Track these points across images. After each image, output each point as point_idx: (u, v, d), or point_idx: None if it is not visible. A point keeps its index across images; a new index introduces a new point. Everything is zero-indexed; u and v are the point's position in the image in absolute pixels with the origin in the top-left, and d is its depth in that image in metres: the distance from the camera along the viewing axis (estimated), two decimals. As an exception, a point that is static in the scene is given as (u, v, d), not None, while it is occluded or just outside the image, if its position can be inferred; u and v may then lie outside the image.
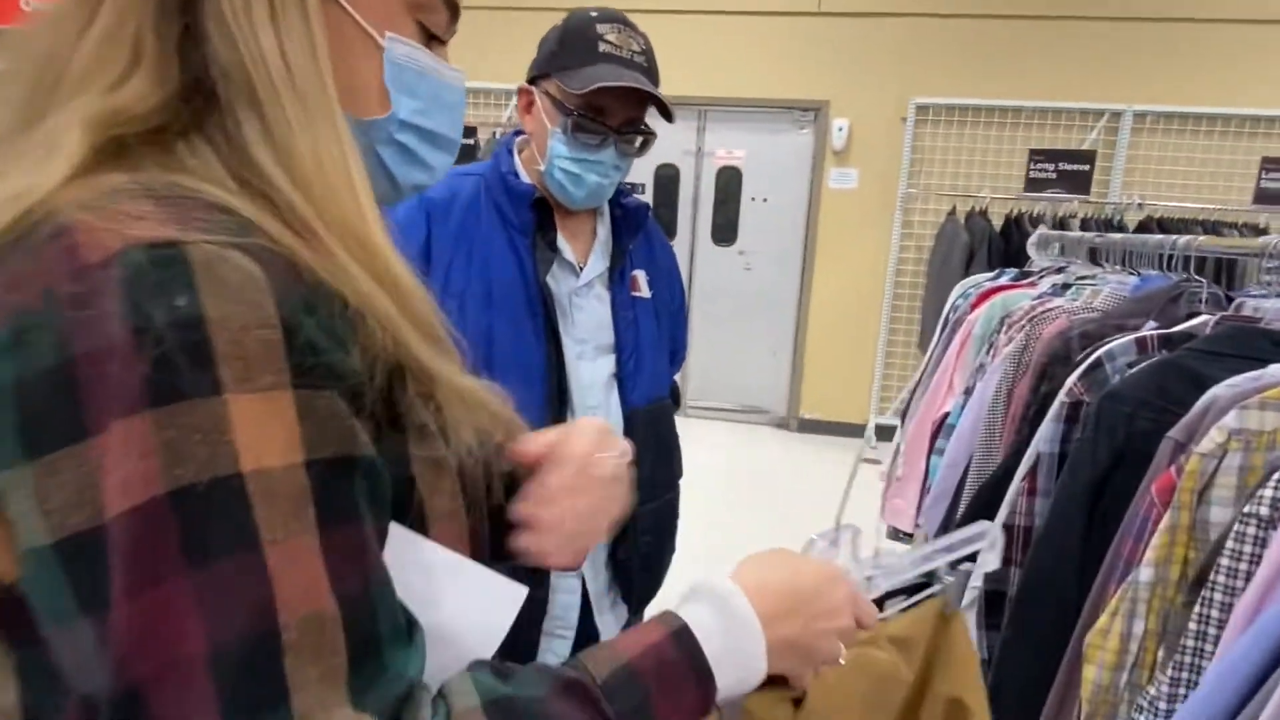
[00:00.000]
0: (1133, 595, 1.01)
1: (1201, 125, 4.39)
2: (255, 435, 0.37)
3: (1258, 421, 0.94)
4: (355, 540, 0.40)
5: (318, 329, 0.40)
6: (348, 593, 0.38)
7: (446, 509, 0.49)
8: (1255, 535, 0.84)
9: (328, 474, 0.39)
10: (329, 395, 0.40)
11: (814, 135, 4.88)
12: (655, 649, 0.49)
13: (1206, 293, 1.39)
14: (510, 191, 1.12)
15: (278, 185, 0.43)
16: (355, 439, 0.41)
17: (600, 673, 0.46)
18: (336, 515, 0.39)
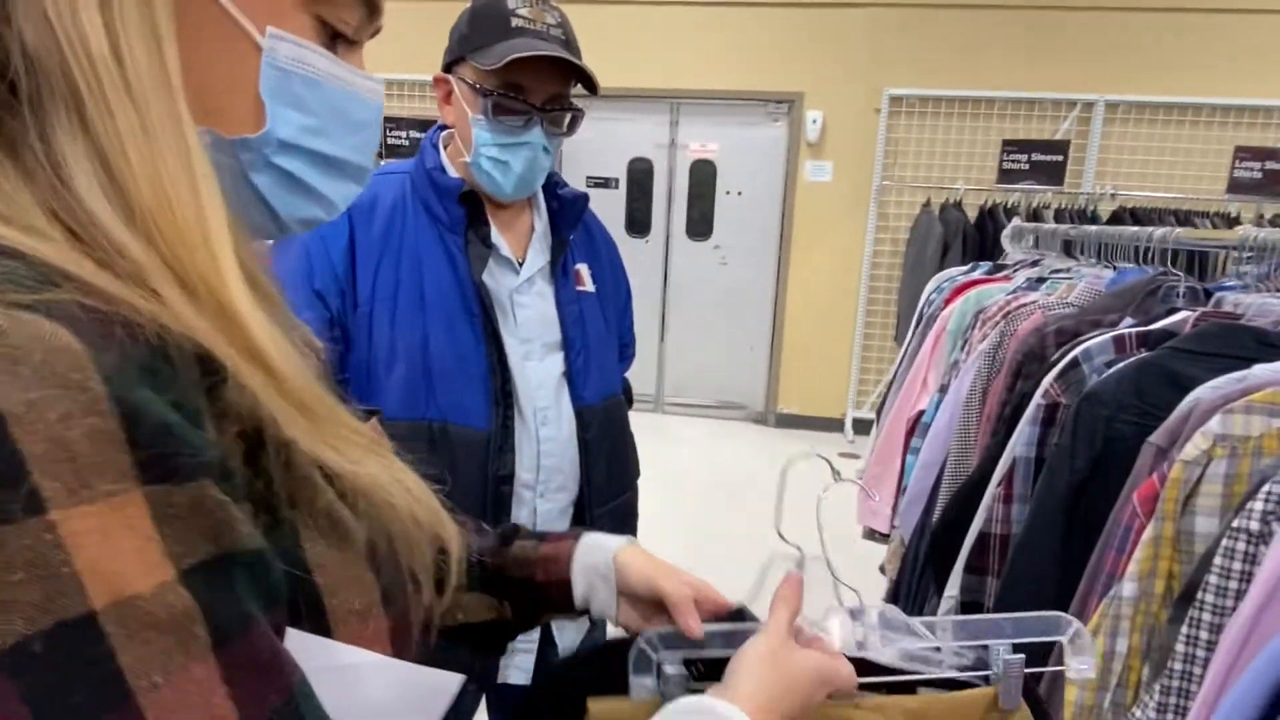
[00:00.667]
0: (1115, 611, 0.96)
1: (1174, 115, 4.38)
2: (103, 560, 0.29)
3: (1243, 426, 0.89)
4: (259, 650, 0.33)
5: (163, 405, 0.31)
6: (262, 713, 0.32)
7: (356, 606, 0.41)
8: (1245, 551, 0.79)
9: (209, 580, 0.31)
10: (192, 486, 0.31)
11: (788, 128, 4.82)
12: None
13: (1184, 286, 1.34)
14: (437, 187, 1.05)
15: (102, 222, 0.34)
16: (234, 531, 0.33)
17: None
18: (230, 627, 0.32)
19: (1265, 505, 0.78)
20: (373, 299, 1.02)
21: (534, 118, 1.02)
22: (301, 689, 0.35)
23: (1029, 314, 1.59)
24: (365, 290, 1.02)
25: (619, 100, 4.90)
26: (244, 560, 0.33)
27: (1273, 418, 0.88)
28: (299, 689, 0.34)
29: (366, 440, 0.42)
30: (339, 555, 0.40)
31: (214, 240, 0.36)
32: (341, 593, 0.40)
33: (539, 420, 1.10)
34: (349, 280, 1.02)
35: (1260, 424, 0.88)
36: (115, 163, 0.34)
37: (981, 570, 1.24)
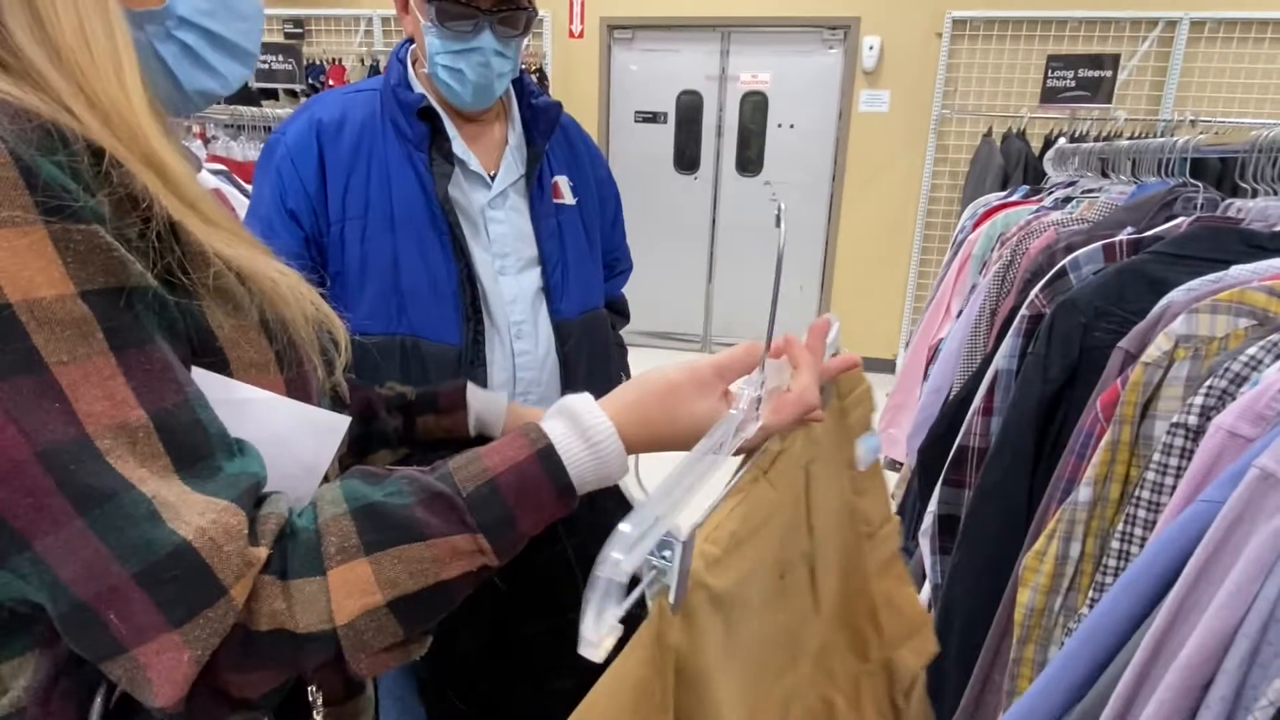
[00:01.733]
0: (1070, 516, 0.94)
1: (1267, 32, 4.02)
2: (15, 267, 0.38)
3: (1209, 326, 0.85)
4: (155, 360, 0.43)
5: (56, 169, 0.41)
6: (160, 404, 0.42)
7: (253, 359, 0.50)
8: (1183, 447, 0.77)
9: (106, 303, 0.41)
10: (87, 229, 0.41)
11: (843, 55, 4.63)
12: (519, 467, 0.51)
13: (1202, 198, 1.26)
14: (401, 104, 1.05)
15: (30, 58, 0.44)
16: (126, 269, 0.42)
17: (466, 486, 0.49)
18: (128, 339, 0.42)
19: (1205, 400, 0.76)
20: (343, 217, 1.04)
21: (481, 20, 1.01)
22: (198, 399, 0.44)
23: (1043, 232, 1.53)
24: (336, 208, 1.04)
25: (667, 30, 4.79)
26: (141, 294, 0.43)
27: (1238, 317, 0.84)
28: (195, 397, 0.44)
29: (251, 241, 0.52)
30: (233, 320, 0.49)
31: (125, 73, 0.47)
32: (239, 349, 0.49)
33: (514, 334, 1.12)
34: (320, 199, 1.04)
35: (1226, 324, 0.85)
36: (46, 15, 0.44)
37: (959, 483, 1.23)
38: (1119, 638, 0.67)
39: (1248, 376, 0.73)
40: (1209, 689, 0.58)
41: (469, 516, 0.48)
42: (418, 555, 0.46)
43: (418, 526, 0.47)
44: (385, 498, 0.47)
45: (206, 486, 0.42)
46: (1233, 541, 0.58)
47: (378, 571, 0.45)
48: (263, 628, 0.43)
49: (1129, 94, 4.20)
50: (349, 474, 0.51)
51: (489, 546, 0.48)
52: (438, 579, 0.47)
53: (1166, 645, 0.61)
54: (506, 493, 0.50)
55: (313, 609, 0.44)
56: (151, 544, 0.39)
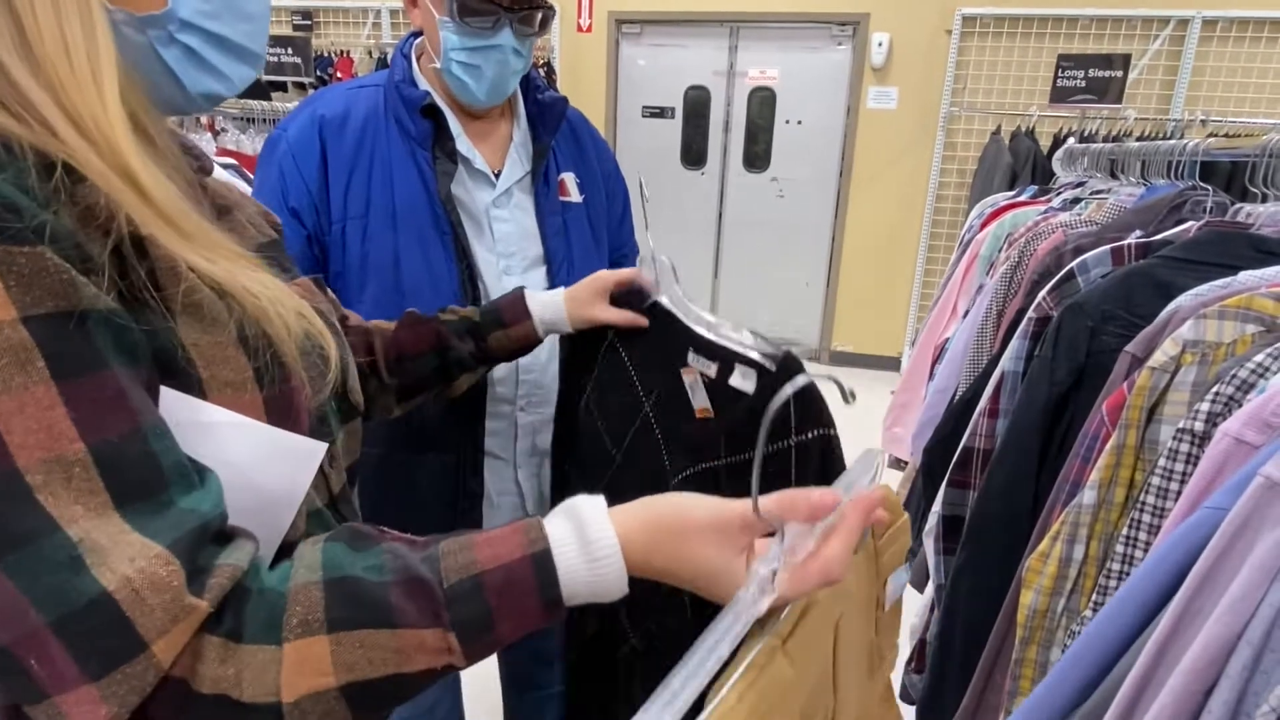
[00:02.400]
0: (1075, 519, 0.95)
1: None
2: None
3: (1216, 332, 0.85)
4: (105, 387, 0.41)
5: (3, 185, 0.39)
6: (104, 435, 0.40)
7: (229, 378, 0.48)
8: (1188, 453, 0.77)
9: (52, 327, 0.39)
10: (32, 251, 0.39)
11: (852, 52, 4.62)
12: (509, 568, 0.47)
13: (1211, 201, 1.26)
14: (405, 100, 1.04)
15: (9, 70, 0.43)
16: (76, 292, 0.40)
17: (449, 577, 0.46)
18: (74, 366, 0.40)
19: (1211, 407, 0.76)
20: (345, 215, 1.03)
21: (502, 18, 1.00)
22: (154, 428, 0.42)
23: (1051, 233, 1.53)
24: (337, 206, 1.03)
25: (675, 25, 4.78)
26: (95, 316, 0.41)
27: (1246, 323, 0.84)
28: (150, 427, 0.42)
29: (235, 253, 0.51)
30: (209, 336, 0.47)
31: (104, 86, 0.45)
32: (213, 367, 0.47)
33: None
34: (322, 197, 1.03)
35: (1233, 330, 0.85)
36: (26, 24, 0.43)
37: (964, 484, 1.24)
38: (1123, 641, 0.68)
39: (1254, 383, 0.73)
40: (1211, 694, 0.58)
41: (445, 611, 0.45)
42: (382, 643, 0.44)
43: (388, 612, 0.44)
44: (363, 572, 0.45)
45: (150, 525, 0.41)
46: (1237, 548, 0.58)
47: (336, 653, 0.43)
48: (204, 690, 0.41)
49: (1139, 92, 4.18)
50: (338, 533, 0.49)
51: (459, 647, 0.46)
52: (398, 670, 0.44)
53: (1170, 650, 0.61)
54: (489, 593, 0.46)
55: (260, 680, 0.42)
56: (67, 593, 0.38)
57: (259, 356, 0.50)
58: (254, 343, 0.49)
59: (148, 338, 0.44)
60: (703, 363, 0.85)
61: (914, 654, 1.43)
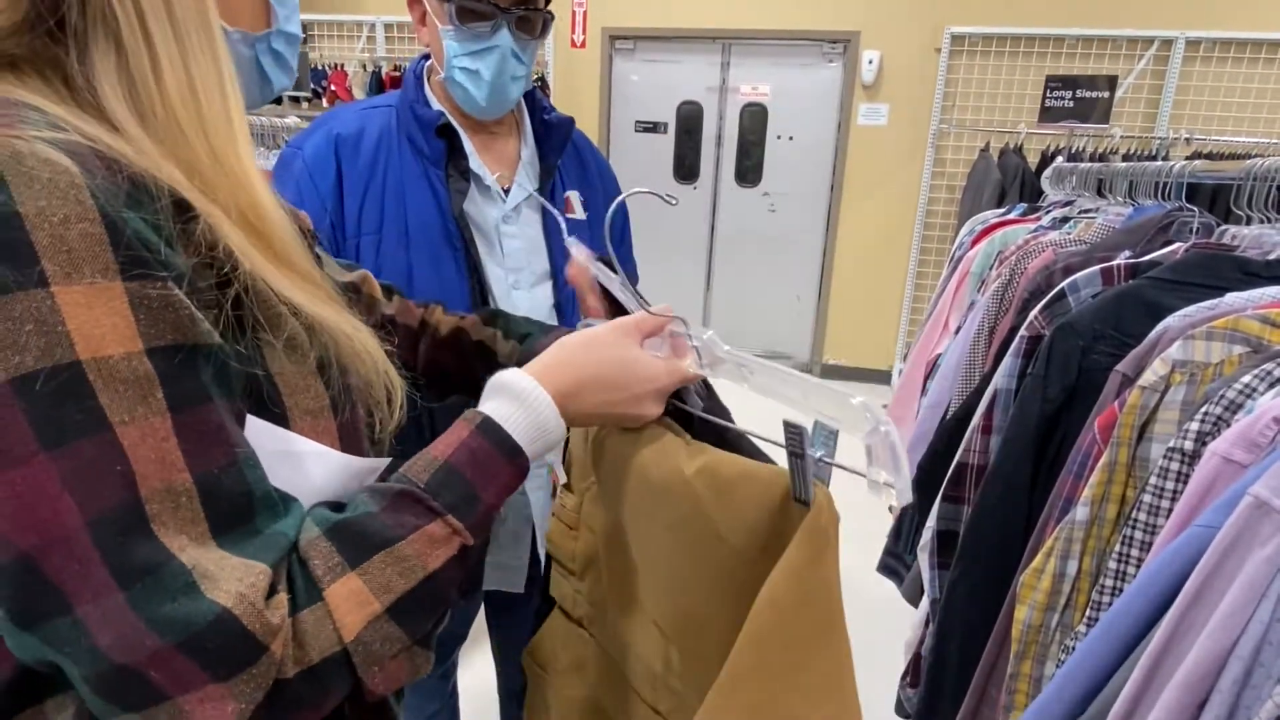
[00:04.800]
0: (1068, 535, 0.96)
1: (1261, 53, 4.07)
2: (88, 325, 0.39)
3: (1204, 353, 0.88)
4: (209, 421, 0.43)
5: (142, 224, 0.42)
6: (208, 468, 0.43)
7: (309, 406, 0.51)
8: (1179, 471, 0.79)
9: (170, 361, 0.42)
10: (161, 286, 0.42)
11: (843, 69, 4.68)
12: (465, 444, 0.53)
13: (1197, 222, 1.29)
14: (419, 120, 1.07)
15: (119, 119, 0.45)
16: (195, 327, 0.43)
17: (422, 478, 0.51)
18: (186, 398, 0.42)
19: (1201, 426, 0.78)
20: (359, 232, 1.05)
21: (500, 19, 1.02)
22: (247, 460, 0.45)
23: (1041, 252, 1.56)
24: (352, 223, 1.05)
25: (668, 41, 4.83)
26: (205, 352, 0.44)
27: (1233, 344, 0.86)
28: (244, 459, 0.45)
29: (328, 295, 0.54)
30: (295, 368, 0.50)
31: (235, 122, 0.49)
32: (297, 395, 0.50)
33: None
34: (337, 213, 1.05)
35: (1221, 350, 0.87)
36: (139, 72, 0.45)
37: (958, 500, 1.25)
38: (1117, 657, 0.69)
39: (1242, 404, 0.75)
40: (1204, 708, 0.60)
41: (433, 502, 0.50)
42: (400, 554, 0.48)
43: (391, 528, 0.48)
44: (351, 514, 0.49)
45: (244, 549, 0.43)
46: (1227, 566, 0.60)
47: (369, 580, 0.47)
48: (290, 674, 0.44)
49: (1125, 110, 4.25)
50: (311, 508, 0.52)
51: (461, 525, 0.50)
52: (425, 571, 0.48)
53: (1163, 665, 0.63)
54: (462, 469, 0.51)
55: (321, 635, 0.45)
56: (190, 617, 0.40)
57: (333, 385, 0.53)
58: (330, 371, 0.52)
59: (246, 373, 0.47)
60: None
61: (909, 668, 1.44)
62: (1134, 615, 0.69)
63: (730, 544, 0.56)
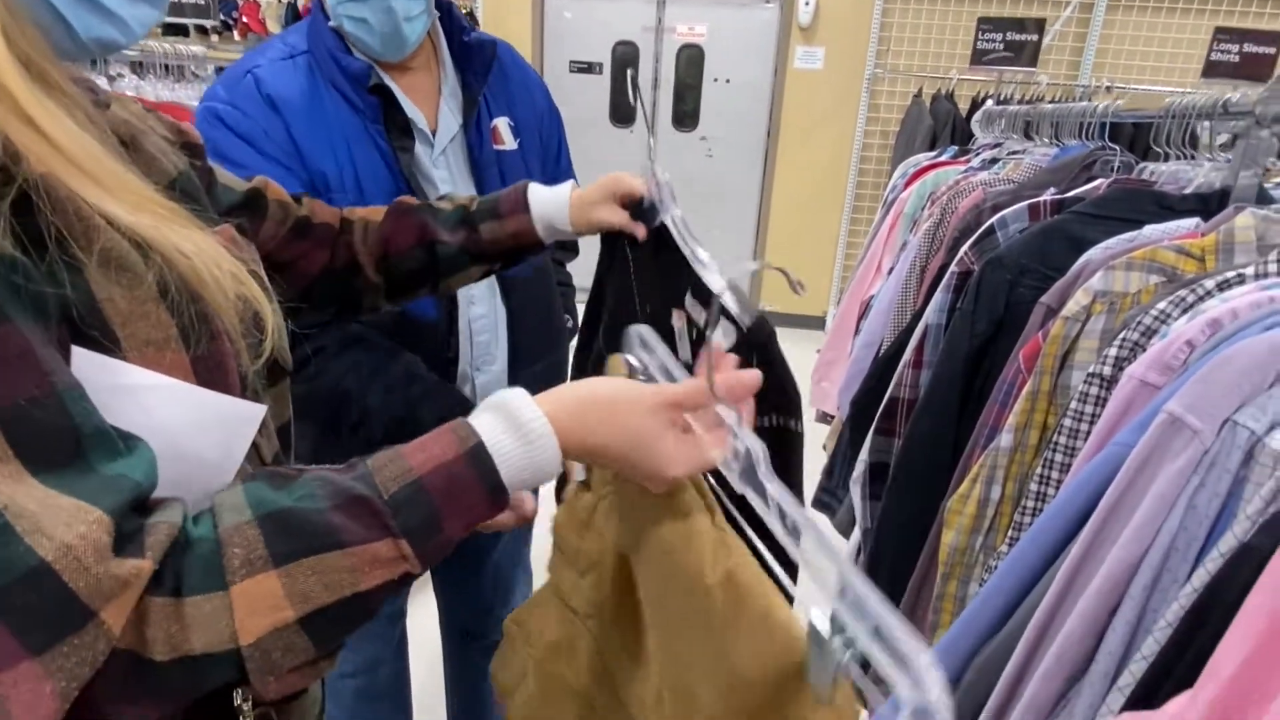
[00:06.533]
0: (993, 461, 1.00)
1: (1179, 3, 4.19)
2: None
3: (1123, 283, 0.91)
4: (12, 343, 0.37)
5: None
6: (12, 397, 0.36)
7: (150, 336, 0.44)
8: (1097, 395, 0.82)
9: None
10: None
11: (780, 10, 4.62)
12: (447, 467, 0.47)
13: (1119, 160, 1.33)
14: (345, 74, 0.98)
15: None
16: None
17: (388, 488, 0.45)
18: None
19: (1119, 351, 0.81)
20: (313, 192, 0.97)
21: None
22: (70, 392, 0.39)
23: (971, 192, 1.59)
24: (303, 181, 0.98)
25: (603, -22, 4.68)
26: None
27: (1150, 274, 0.90)
28: (66, 391, 0.39)
29: (162, 206, 0.47)
30: (126, 292, 0.43)
31: None
32: (132, 324, 0.43)
33: (468, 300, 1.10)
34: (303, 172, 0.98)
35: (1139, 280, 0.90)
36: None
37: (889, 432, 1.29)
38: (1035, 573, 0.73)
39: (1157, 329, 0.78)
40: (1115, 614, 0.63)
41: (391, 520, 0.44)
42: (334, 565, 0.42)
43: (334, 533, 0.42)
44: (296, 502, 0.43)
45: (77, 488, 0.37)
46: (1139, 481, 0.63)
47: (288, 585, 0.41)
48: (158, 655, 0.39)
49: (1051, 59, 4.33)
50: (254, 476, 0.47)
51: (411, 552, 0.44)
52: (355, 590, 0.43)
53: (1079, 577, 0.66)
54: (433, 493, 0.45)
55: (212, 628, 0.40)
56: (3, 563, 0.35)
57: (182, 313, 0.46)
58: (176, 297, 0.45)
59: (56, 294, 0.40)
60: (697, 309, 0.83)
61: (841, 596, 1.50)
62: (1052, 533, 0.72)
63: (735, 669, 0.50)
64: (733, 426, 0.51)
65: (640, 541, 0.57)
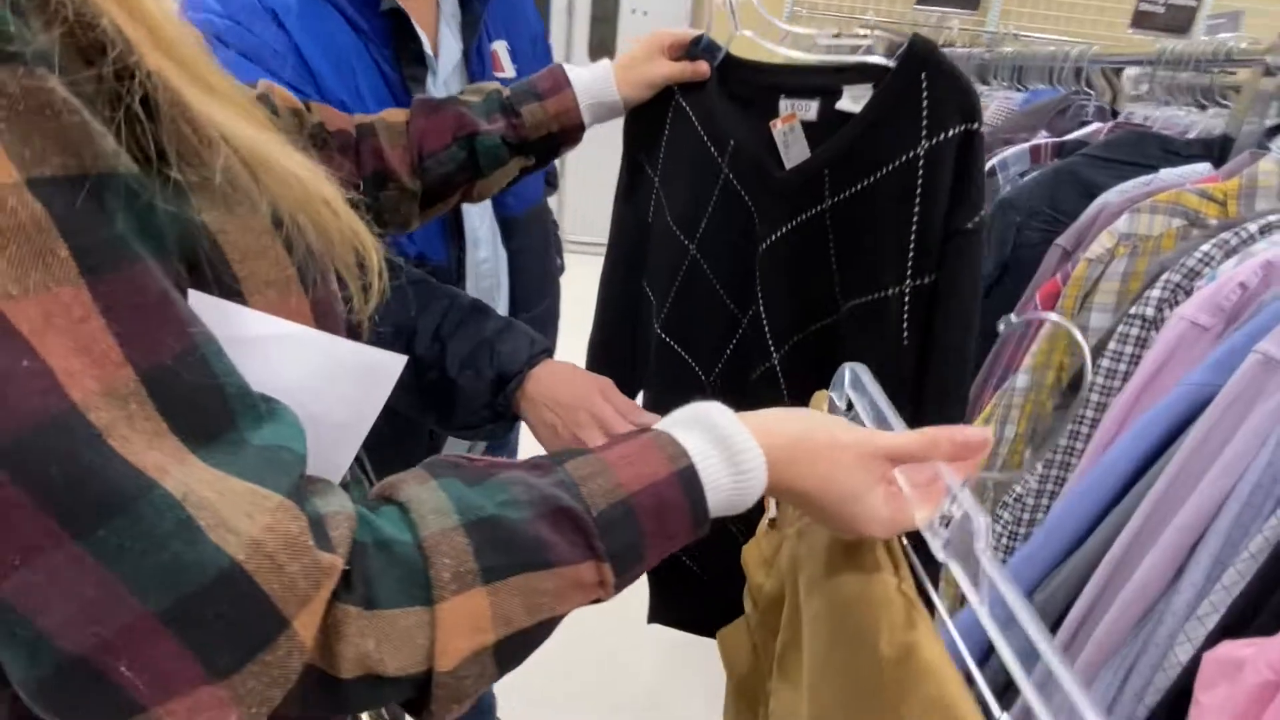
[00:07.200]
0: (1008, 401, 1.03)
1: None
2: None
3: (1146, 225, 0.93)
4: (146, 288, 0.29)
5: None
6: (157, 358, 0.29)
7: (269, 276, 0.37)
8: (1138, 336, 0.85)
9: (68, 198, 0.27)
10: (25, 73, 0.27)
11: (699, -59, 4.50)
12: (658, 489, 0.41)
13: (1094, 106, 1.36)
14: None
15: None
16: (93, 144, 0.28)
17: (596, 504, 0.39)
18: (104, 256, 0.28)
19: (1162, 293, 0.83)
20: None
21: None
22: (210, 345, 0.32)
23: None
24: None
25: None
26: (114, 186, 0.29)
27: (1173, 217, 0.92)
28: (204, 342, 0.31)
29: (261, 119, 0.39)
30: (242, 222, 0.35)
31: None
32: (251, 262, 0.36)
33: (474, 242, 1.02)
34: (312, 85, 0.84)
35: (1162, 223, 0.93)
36: None
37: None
38: (1103, 507, 0.75)
39: (1201, 271, 0.81)
40: (1198, 547, 0.66)
41: (598, 542, 0.38)
42: (538, 586, 0.37)
43: (542, 550, 0.37)
44: (499, 509, 0.37)
45: (240, 465, 0.31)
46: (1228, 419, 0.65)
47: (494, 605, 0.36)
48: (345, 673, 0.33)
49: (961, 4, 4.43)
50: (437, 469, 0.39)
51: (612, 579, 0.39)
52: (552, 614, 0.38)
53: (1160, 509, 0.68)
54: (643, 518, 0.40)
55: (406, 649, 0.34)
56: (186, 569, 0.28)
57: (297, 249, 0.38)
58: (291, 232, 0.38)
59: (176, 224, 0.32)
60: (800, 105, 0.78)
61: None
62: (1120, 470, 0.74)
63: None
64: (953, 488, 0.45)
65: (815, 591, 0.53)
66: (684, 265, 0.90)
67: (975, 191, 0.70)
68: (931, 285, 0.73)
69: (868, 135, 0.72)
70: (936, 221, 0.71)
